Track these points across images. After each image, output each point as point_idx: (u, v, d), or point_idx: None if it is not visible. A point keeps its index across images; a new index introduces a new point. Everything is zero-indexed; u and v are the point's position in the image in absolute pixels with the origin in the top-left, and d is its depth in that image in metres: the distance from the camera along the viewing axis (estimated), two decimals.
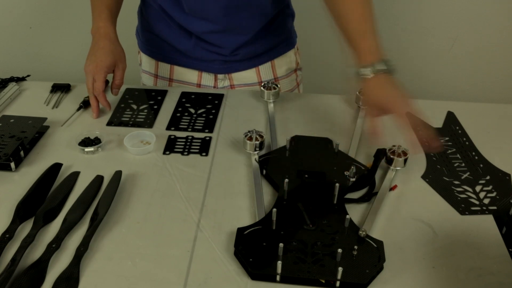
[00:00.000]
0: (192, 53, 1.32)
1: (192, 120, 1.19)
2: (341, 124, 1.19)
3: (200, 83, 1.38)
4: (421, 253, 0.85)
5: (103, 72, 1.18)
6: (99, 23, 1.21)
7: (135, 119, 1.20)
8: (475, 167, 1.05)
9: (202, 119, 1.19)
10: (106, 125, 1.17)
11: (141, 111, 1.22)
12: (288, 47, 1.38)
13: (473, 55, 2.10)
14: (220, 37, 1.27)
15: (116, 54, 1.21)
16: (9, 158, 1.01)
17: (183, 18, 1.25)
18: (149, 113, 1.22)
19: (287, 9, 1.35)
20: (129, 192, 0.97)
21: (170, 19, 1.28)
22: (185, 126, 1.17)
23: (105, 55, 1.19)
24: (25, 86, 1.34)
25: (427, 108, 1.23)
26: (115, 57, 1.20)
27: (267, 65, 1.35)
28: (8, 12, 2.11)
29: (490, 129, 1.17)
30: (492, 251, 0.85)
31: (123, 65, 1.22)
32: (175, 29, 1.29)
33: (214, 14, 1.22)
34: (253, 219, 0.91)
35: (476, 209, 0.94)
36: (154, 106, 1.25)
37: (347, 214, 0.89)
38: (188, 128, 1.16)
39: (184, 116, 1.21)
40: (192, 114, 1.21)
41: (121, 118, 1.20)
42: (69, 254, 0.83)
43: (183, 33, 1.29)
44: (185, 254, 0.84)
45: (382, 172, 1.03)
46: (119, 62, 1.21)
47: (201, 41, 1.29)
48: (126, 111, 1.22)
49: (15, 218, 0.89)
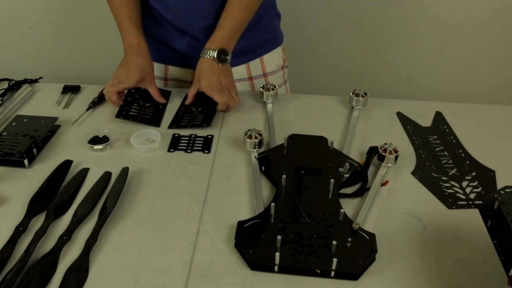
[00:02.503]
0: (186, 52, 1.32)
1: (192, 117, 1.19)
2: (336, 123, 1.19)
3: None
4: (411, 245, 0.85)
5: (132, 83, 1.20)
6: (131, 40, 1.22)
7: (143, 115, 1.19)
8: (462, 164, 1.05)
9: (202, 115, 1.19)
10: (115, 117, 1.17)
11: (147, 108, 1.22)
12: (276, 44, 1.39)
13: (460, 58, 2.10)
14: (210, 34, 1.27)
15: (146, 70, 1.23)
16: (22, 156, 1.01)
17: (175, 18, 1.26)
18: (156, 112, 1.21)
19: (273, 10, 1.36)
20: (135, 188, 0.97)
21: (164, 20, 1.28)
22: (186, 123, 1.17)
23: (138, 70, 1.21)
24: (37, 87, 1.34)
25: (417, 108, 1.24)
26: (146, 73, 1.23)
27: (256, 61, 1.36)
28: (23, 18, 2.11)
29: (476, 128, 1.17)
30: (478, 243, 0.85)
31: (152, 79, 1.25)
32: (169, 29, 1.30)
33: (202, 12, 1.23)
34: (253, 213, 0.91)
35: (462, 203, 0.94)
36: (159, 105, 1.24)
37: (341, 208, 0.89)
38: (188, 125, 1.16)
39: (186, 115, 1.20)
40: (193, 112, 1.21)
41: (129, 112, 1.19)
42: (79, 246, 0.83)
43: (177, 33, 1.29)
44: (189, 246, 0.84)
45: (374, 169, 1.03)
46: (149, 77, 1.24)
47: (194, 39, 1.29)
48: (134, 105, 1.21)
49: (28, 212, 0.89)
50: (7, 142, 1.04)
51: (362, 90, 1.22)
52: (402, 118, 1.21)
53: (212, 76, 1.18)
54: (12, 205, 0.92)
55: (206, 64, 1.20)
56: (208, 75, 1.18)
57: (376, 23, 2.04)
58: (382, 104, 1.25)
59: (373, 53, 2.13)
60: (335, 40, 2.10)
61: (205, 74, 1.19)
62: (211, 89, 1.18)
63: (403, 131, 1.16)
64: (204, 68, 1.20)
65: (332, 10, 2.02)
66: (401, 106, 1.25)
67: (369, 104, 1.22)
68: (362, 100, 1.20)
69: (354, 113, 1.20)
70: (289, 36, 1.47)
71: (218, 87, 1.18)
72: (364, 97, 1.20)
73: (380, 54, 2.13)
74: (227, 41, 1.20)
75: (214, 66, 1.19)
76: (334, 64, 2.18)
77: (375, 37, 2.09)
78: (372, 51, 2.13)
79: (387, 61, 2.15)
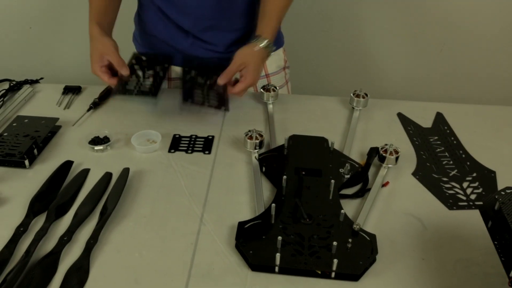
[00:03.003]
0: (189, 52, 1.32)
1: (204, 93, 1.17)
2: (336, 124, 1.19)
3: None
4: (411, 245, 0.85)
5: (99, 68, 1.16)
6: (89, 29, 1.20)
7: (139, 88, 1.16)
8: (462, 165, 1.05)
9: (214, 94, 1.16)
10: (112, 95, 1.17)
11: (147, 79, 1.19)
12: (277, 45, 1.39)
13: (461, 59, 2.10)
14: (213, 34, 1.28)
15: (100, 47, 1.17)
16: (23, 156, 1.01)
17: (179, 17, 1.25)
18: (155, 81, 1.18)
19: None
20: (136, 188, 0.97)
21: (168, 19, 1.28)
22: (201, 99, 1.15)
23: (93, 54, 1.17)
24: (38, 88, 1.34)
25: (418, 109, 1.24)
26: (100, 49, 1.17)
27: None
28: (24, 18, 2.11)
29: (476, 129, 1.17)
30: (478, 244, 0.85)
31: (110, 49, 1.16)
32: (173, 28, 1.29)
33: (205, 11, 1.23)
34: (253, 214, 0.91)
35: (463, 204, 0.94)
36: (160, 74, 1.21)
37: (342, 209, 0.89)
38: (205, 102, 1.14)
39: (196, 89, 1.17)
40: (202, 85, 1.19)
41: (126, 86, 1.15)
42: (79, 246, 0.83)
43: (180, 32, 1.29)
44: (189, 246, 0.84)
45: (375, 170, 1.03)
46: (105, 49, 1.16)
47: (197, 39, 1.29)
48: (131, 78, 1.17)
49: (29, 212, 0.89)
50: (8, 143, 1.04)
51: (363, 91, 1.22)
52: (403, 119, 1.21)
53: (260, 70, 1.20)
54: (13, 205, 0.92)
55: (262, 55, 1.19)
56: (259, 68, 1.19)
57: (377, 24, 2.04)
58: (383, 105, 1.26)
59: (374, 54, 2.13)
60: (336, 41, 2.11)
61: (257, 66, 1.18)
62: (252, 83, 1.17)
63: (404, 132, 1.16)
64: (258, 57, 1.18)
65: (333, 11, 2.02)
66: (402, 107, 1.25)
67: (370, 105, 1.22)
68: (362, 101, 1.20)
69: (355, 114, 1.20)
70: (290, 38, 1.47)
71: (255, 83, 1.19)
72: (364, 98, 1.20)
73: (380, 55, 2.13)
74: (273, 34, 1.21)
75: (265, 60, 1.21)
76: (335, 65, 2.18)
77: (376, 38, 2.09)
78: (372, 52, 2.13)
79: (387, 62, 2.15)
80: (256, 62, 1.18)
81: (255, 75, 1.17)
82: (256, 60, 1.18)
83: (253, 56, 1.18)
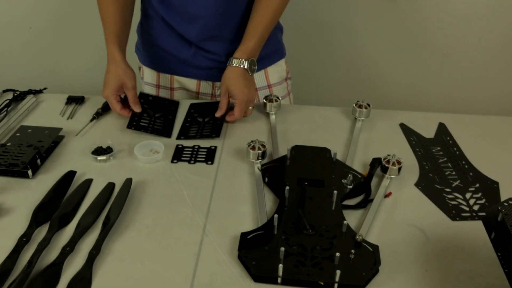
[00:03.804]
0: (192, 62, 1.33)
1: (200, 127, 1.20)
2: (339, 134, 1.19)
3: (199, 91, 1.40)
4: (414, 256, 0.85)
5: (113, 96, 1.20)
6: (107, 49, 1.22)
7: (153, 126, 1.19)
8: (465, 176, 1.05)
9: (210, 126, 1.19)
10: (126, 128, 1.17)
11: (158, 119, 1.22)
12: (279, 56, 1.41)
13: (463, 69, 2.10)
14: (215, 44, 1.29)
15: (122, 75, 1.20)
16: (26, 166, 1.01)
17: (183, 27, 1.27)
18: (166, 122, 1.22)
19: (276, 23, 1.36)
20: (139, 198, 0.97)
21: (171, 30, 1.29)
22: (194, 134, 1.17)
23: (112, 79, 1.20)
24: (42, 98, 1.34)
25: (420, 119, 1.24)
26: (121, 79, 1.20)
27: (260, 73, 1.37)
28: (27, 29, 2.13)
29: (479, 139, 1.17)
30: (482, 255, 0.85)
31: (131, 83, 1.20)
32: (176, 38, 1.30)
33: (209, 21, 1.24)
34: (256, 224, 0.91)
35: (466, 215, 0.94)
36: (169, 116, 1.25)
37: (344, 219, 0.89)
38: (197, 135, 1.17)
39: (193, 126, 1.21)
40: (200, 122, 1.22)
41: (140, 122, 1.19)
42: (82, 257, 0.83)
43: (183, 42, 1.30)
44: (192, 256, 0.84)
45: (377, 180, 1.03)
46: (127, 81, 1.20)
47: (200, 49, 1.30)
48: (144, 116, 1.22)
49: (32, 222, 0.89)
50: (12, 153, 1.04)
51: (365, 102, 1.22)
52: (405, 130, 1.21)
53: (245, 86, 1.19)
54: (16, 215, 0.93)
55: (238, 73, 1.20)
56: (242, 86, 1.19)
57: (379, 34, 2.05)
58: (385, 115, 1.26)
59: (376, 65, 2.14)
60: (338, 51, 2.12)
61: (239, 84, 1.19)
62: (245, 101, 1.19)
63: (406, 143, 1.16)
64: (236, 77, 1.20)
65: (335, 22, 2.03)
66: (404, 118, 1.25)
67: (372, 116, 1.23)
68: (365, 112, 1.21)
69: (357, 125, 1.20)
70: (292, 48, 1.48)
71: (250, 99, 1.20)
72: (367, 108, 1.21)
73: (383, 66, 2.14)
74: (256, 50, 1.22)
75: (246, 76, 1.20)
76: (337, 76, 2.19)
77: (378, 49, 2.10)
78: (374, 63, 2.13)
79: (390, 72, 2.16)
80: (238, 81, 1.19)
81: (243, 92, 1.19)
82: (237, 80, 1.19)
83: (232, 78, 1.20)
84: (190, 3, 1.21)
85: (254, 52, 1.22)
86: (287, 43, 1.44)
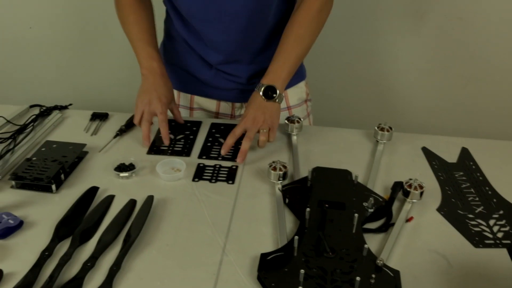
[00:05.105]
0: (212, 82, 1.35)
1: None
2: (360, 157, 1.18)
3: (219, 111, 1.41)
4: (436, 283, 0.83)
5: (164, 107, 1.21)
6: (152, 64, 1.24)
7: (173, 148, 1.21)
8: (489, 202, 1.04)
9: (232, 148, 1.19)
10: (146, 154, 1.18)
11: (178, 141, 1.24)
12: (299, 78, 1.41)
13: (486, 93, 2.08)
14: (235, 67, 1.30)
15: (172, 92, 1.27)
16: (50, 181, 1.03)
17: (203, 50, 1.29)
18: (186, 143, 1.23)
19: None
20: (159, 216, 0.98)
21: (193, 51, 1.32)
22: (215, 155, 1.18)
23: (168, 91, 1.24)
24: (67, 114, 1.37)
25: (443, 143, 1.23)
26: (172, 95, 1.26)
27: None
28: (55, 47, 2.18)
29: (503, 165, 1.16)
30: (506, 284, 0.83)
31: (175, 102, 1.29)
32: (197, 60, 1.33)
33: (230, 47, 1.26)
34: (276, 245, 0.90)
35: (490, 242, 0.93)
36: (190, 136, 1.26)
37: (365, 243, 0.88)
38: (219, 157, 1.17)
39: (215, 146, 1.21)
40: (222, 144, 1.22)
41: (160, 147, 1.21)
42: (102, 273, 0.83)
43: (205, 64, 1.32)
44: (211, 276, 0.84)
45: (399, 204, 1.02)
46: (173, 99, 1.28)
47: (220, 71, 1.32)
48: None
49: (54, 237, 0.90)
50: (37, 167, 1.06)
51: (387, 125, 1.22)
52: (427, 154, 1.20)
53: (257, 111, 1.18)
54: (39, 229, 0.94)
55: (254, 98, 1.20)
56: (253, 110, 1.18)
57: (401, 57, 2.04)
58: (407, 138, 1.25)
59: (398, 88, 2.13)
60: (360, 73, 2.11)
61: (251, 108, 1.19)
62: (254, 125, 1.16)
63: (428, 167, 1.15)
64: (251, 102, 1.20)
65: (357, 44, 2.03)
66: (426, 141, 1.24)
67: (394, 139, 1.22)
68: (387, 135, 1.20)
69: (379, 147, 1.19)
70: (313, 70, 1.49)
71: (261, 124, 1.17)
72: (389, 131, 1.20)
73: (405, 89, 2.13)
74: (279, 77, 1.20)
75: (261, 102, 1.19)
76: (359, 98, 2.18)
77: (400, 72, 2.09)
78: (397, 86, 2.13)
79: (412, 95, 2.15)
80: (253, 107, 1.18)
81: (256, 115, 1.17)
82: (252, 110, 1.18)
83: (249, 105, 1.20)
84: (211, 30, 1.23)
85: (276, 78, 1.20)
86: (308, 65, 1.44)
